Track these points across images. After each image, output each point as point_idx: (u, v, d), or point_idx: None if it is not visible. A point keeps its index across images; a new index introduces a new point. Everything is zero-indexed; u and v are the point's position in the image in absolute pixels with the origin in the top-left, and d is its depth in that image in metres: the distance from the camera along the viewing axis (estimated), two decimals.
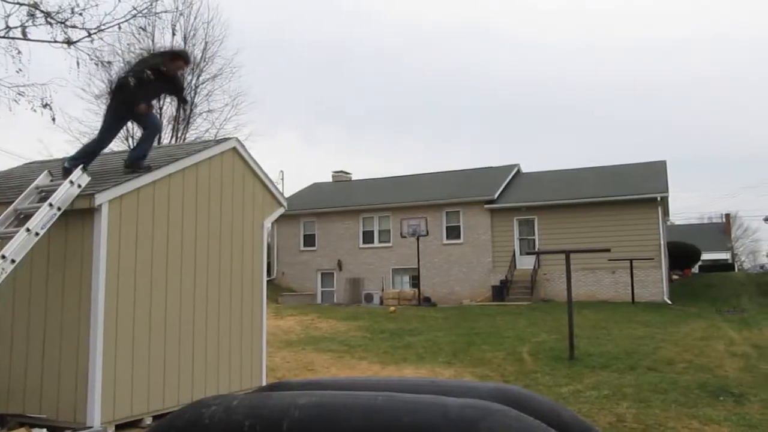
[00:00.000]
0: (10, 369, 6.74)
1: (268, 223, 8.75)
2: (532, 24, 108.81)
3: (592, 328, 15.40)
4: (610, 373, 10.06)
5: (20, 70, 7.55)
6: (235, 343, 7.99)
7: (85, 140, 32.75)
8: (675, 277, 31.17)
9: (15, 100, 7.62)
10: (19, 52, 7.60)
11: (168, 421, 3.95)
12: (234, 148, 8.26)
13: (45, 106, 7.56)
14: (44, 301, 6.65)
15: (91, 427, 6.16)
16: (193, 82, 29.30)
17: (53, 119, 7.70)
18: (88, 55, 7.49)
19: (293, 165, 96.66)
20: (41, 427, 6.11)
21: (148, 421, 6.76)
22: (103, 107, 28.07)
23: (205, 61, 29.39)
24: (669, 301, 23.25)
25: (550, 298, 23.76)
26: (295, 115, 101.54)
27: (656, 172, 26.53)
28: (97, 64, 7.66)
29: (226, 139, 8.39)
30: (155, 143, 8.14)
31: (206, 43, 29.36)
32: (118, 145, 27.60)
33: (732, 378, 9.60)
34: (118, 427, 6.49)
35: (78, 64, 7.44)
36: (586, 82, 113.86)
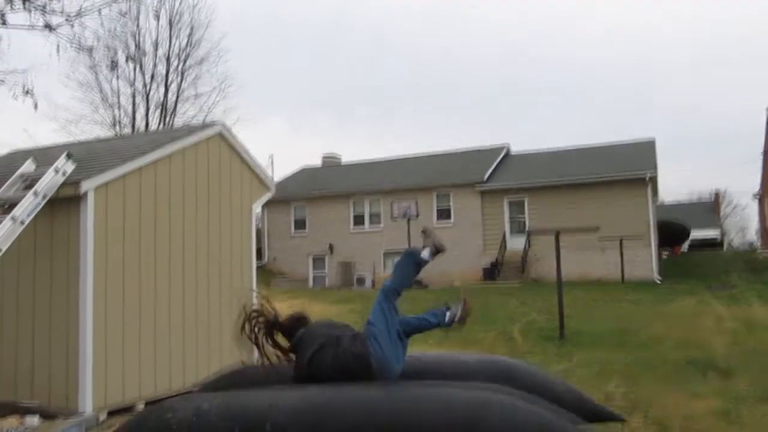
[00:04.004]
0: (0, 357, 6.72)
1: (256, 207, 8.73)
2: (519, 3, 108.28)
3: (583, 307, 15.50)
4: (600, 351, 10.14)
5: None
6: (225, 327, 7.98)
7: (72, 128, 32.57)
8: (665, 255, 31.37)
9: None
10: None
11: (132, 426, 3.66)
12: (220, 133, 8.21)
13: (26, 93, 7.48)
14: (32, 290, 6.63)
15: (83, 414, 6.17)
16: (180, 66, 29.09)
17: (35, 106, 7.63)
18: (69, 40, 7.40)
19: (283, 150, 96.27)
20: (33, 413, 6.11)
21: (141, 406, 6.77)
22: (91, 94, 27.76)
23: (191, 45, 29.18)
24: (659, 279, 23.41)
25: (541, 278, 23.86)
26: (284, 100, 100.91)
27: (645, 151, 26.59)
28: (77, 50, 7.57)
29: (211, 125, 8.34)
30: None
31: (192, 27, 29.13)
32: (105, 131, 27.42)
33: (720, 354, 9.69)
34: (110, 413, 6.50)
35: (58, 49, 7.35)
36: (573, 61, 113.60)
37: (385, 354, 3.75)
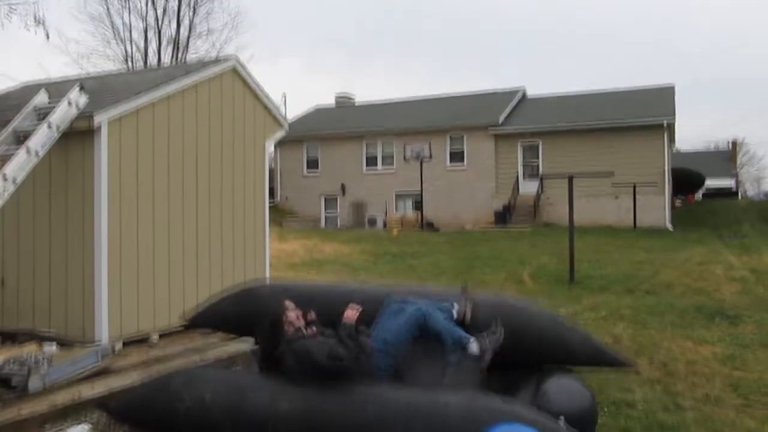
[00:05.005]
0: (18, 288, 6.87)
1: (269, 145, 8.70)
2: None
3: (593, 252, 15.53)
4: (609, 296, 10.22)
5: None
6: (238, 263, 8.09)
7: (84, 62, 32.37)
8: (678, 203, 31.18)
9: (7, 16, 7.42)
10: None
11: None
12: (234, 68, 8.11)
13: (38, 23, 7.37)
14: (48, 222, 6.71)
15: (99, 342, 6.33)
16: (192, 1, 28.59)
17: (47, 36, 7.56)
18: None
19: (296, 89, 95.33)
20: (51, 342, 6.27)
21: (155, 337, 6.93)
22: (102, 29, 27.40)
23: None
24: (671, 227, 23.34)
25: (553, 223, 23.84)
26: (298, 39, 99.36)
27: (663, 97, 26.09)
28: None
29: (225, 59, 8.22)
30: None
31: None
32: (117, 67, 27.21)
33: (728, 301, 9.74)
34: (126, 343, 6.67)
35: None
36: (593, 3, 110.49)
37: (382, 371, 4.23)
